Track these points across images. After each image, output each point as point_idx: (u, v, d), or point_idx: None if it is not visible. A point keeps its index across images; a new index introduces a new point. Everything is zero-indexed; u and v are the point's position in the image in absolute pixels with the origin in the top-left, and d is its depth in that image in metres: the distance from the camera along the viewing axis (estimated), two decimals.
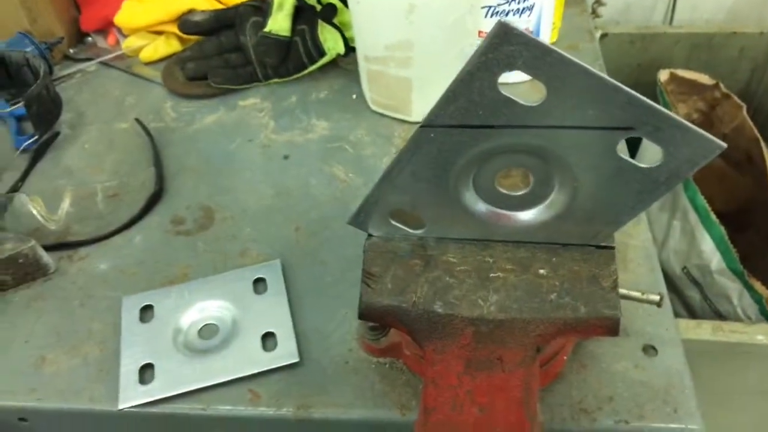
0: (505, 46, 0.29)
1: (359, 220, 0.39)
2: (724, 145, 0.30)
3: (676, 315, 0.92)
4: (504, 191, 0.36)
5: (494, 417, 0.34)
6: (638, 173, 0.33)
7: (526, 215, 0.36)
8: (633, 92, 0.29)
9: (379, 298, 0.37)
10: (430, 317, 0.36)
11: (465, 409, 0.34)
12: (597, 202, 0.35)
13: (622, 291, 0.48)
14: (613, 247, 0.37)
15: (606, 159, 0.32)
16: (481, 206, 0.36)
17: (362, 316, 0.38)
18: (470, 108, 0.31)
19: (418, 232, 0.39)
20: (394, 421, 0.48)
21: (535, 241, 0.37)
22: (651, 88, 1.07)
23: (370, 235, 0.40)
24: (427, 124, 0.32)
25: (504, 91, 0.30)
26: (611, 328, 0.35)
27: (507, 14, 0.74)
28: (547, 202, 0.35)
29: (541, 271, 0.36)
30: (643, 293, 0.47)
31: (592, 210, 0.35)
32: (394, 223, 0.38)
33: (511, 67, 0.29)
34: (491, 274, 0.36)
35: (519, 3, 0.73)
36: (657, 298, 0.47)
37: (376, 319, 0.38)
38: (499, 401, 0.34)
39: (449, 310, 0.36)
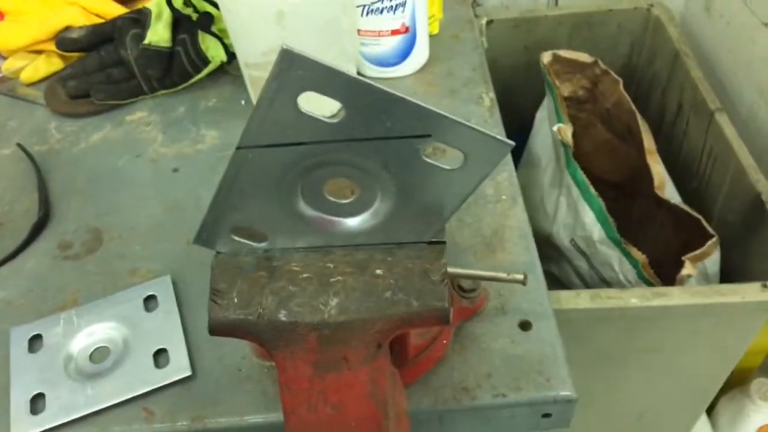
0: (293, 71, 0.30)
1: (203, 239, 0.40)
2: (512, 143, 0.33)
3: (569, 283, 0.97)
4: (332, 199, 0.38)
5: (347, 413, 0.36)
6: (447, 174, 0.35)
7: (356, 221, 0.38)
8: (419, 102, 0.32)
9: (225, 313, 0.38)
10: (276, 326, 0.37)
11: (319, 409, 0.36)
12: (417, 203, 0.37)
13: (489, 273, 0.51)
14: (443, 242, 0.40)
15: (415, 165, 0.35)
16: (313, 215, 0.38)
17: (212, 332, 0.39)
18: (277, 128, 0.33)
19: (262, 245, 0.40)
20: None
21: (372, 243, 0.40)
22: (540, 68, 1.11)
23: (218, 252, 0.41)
24: (241, 146, 0.34)
25: (305, 110, 0.32)
26: (441, 317, 0.38)
27: (381, 11, 0.76)
28: (373, 209, 0.38)
29: (378, 271, 0.38)
30: (508, 274, 0.51)
31: (416, 211, 0.38)
32: (237, 239, 0.40)
33: (304, 89, 0.31)
34: (332, 279, 0.38)
35: (392, 0, 0.75)
36: (521, 277, 0.50)
37: (226, 334, 0.39)
38: (350, 398, 0.36)
39: (293, 317, 0.37)
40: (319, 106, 0.34)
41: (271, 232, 0.39)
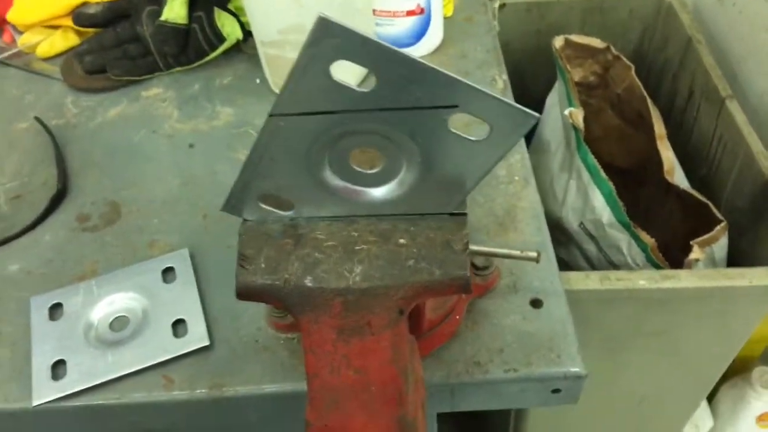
0: (328, 39, 0.31)
1: (231, 207, 0.41)
2: (537, 115, 0.34)
3: (577, 267, 0.98)
4: (358, 169, 0.39)
5: (369, 376, 0.37)
6: (472, 145, 0.36)
7: (381, 191, 0.39)
8: (449, 73, 0.32)
9: (253, 278, 0.39)
10: (302, 291, 0.39)
11: (342, 372, 0.37)
12: (441, 175, 0.38)
13: (503, 251, 0.52)
14: (465, 214, 0.41)
15: (441, 135, 0.35)
16: (339, 184, 0.39)
17: (239, 296, 0.40)
18: (310, 97, 0.34)
19: (289, 213, 0.41)
20: (302, 392, 0.51)
21: (396, 213, 0.41)
22: (552, 52, 1.11)
23: (245, 220, 0.42)
24: (274, 114, 0.35)
25: (337, 79, 0.33)
26: (462, 286, 0.39)
27: None
28: (398, 179, 0.39)
29: (401, 241, 0.39)
30: (522, 251, 0.51)
31: (439, 182, 0.39)
32: (264, 206, 0.41)
33: (337, 58, 0.32)
34: (356, 247, 0.39)
35: None
36: (534, 254, 0.51)
37: (253, 298, 0.40)
38: (372, 362, 0.37)
39: (318, 283, 0.39)
40: (344, 78, 0.35)
41: (297, 200, 0.40)
